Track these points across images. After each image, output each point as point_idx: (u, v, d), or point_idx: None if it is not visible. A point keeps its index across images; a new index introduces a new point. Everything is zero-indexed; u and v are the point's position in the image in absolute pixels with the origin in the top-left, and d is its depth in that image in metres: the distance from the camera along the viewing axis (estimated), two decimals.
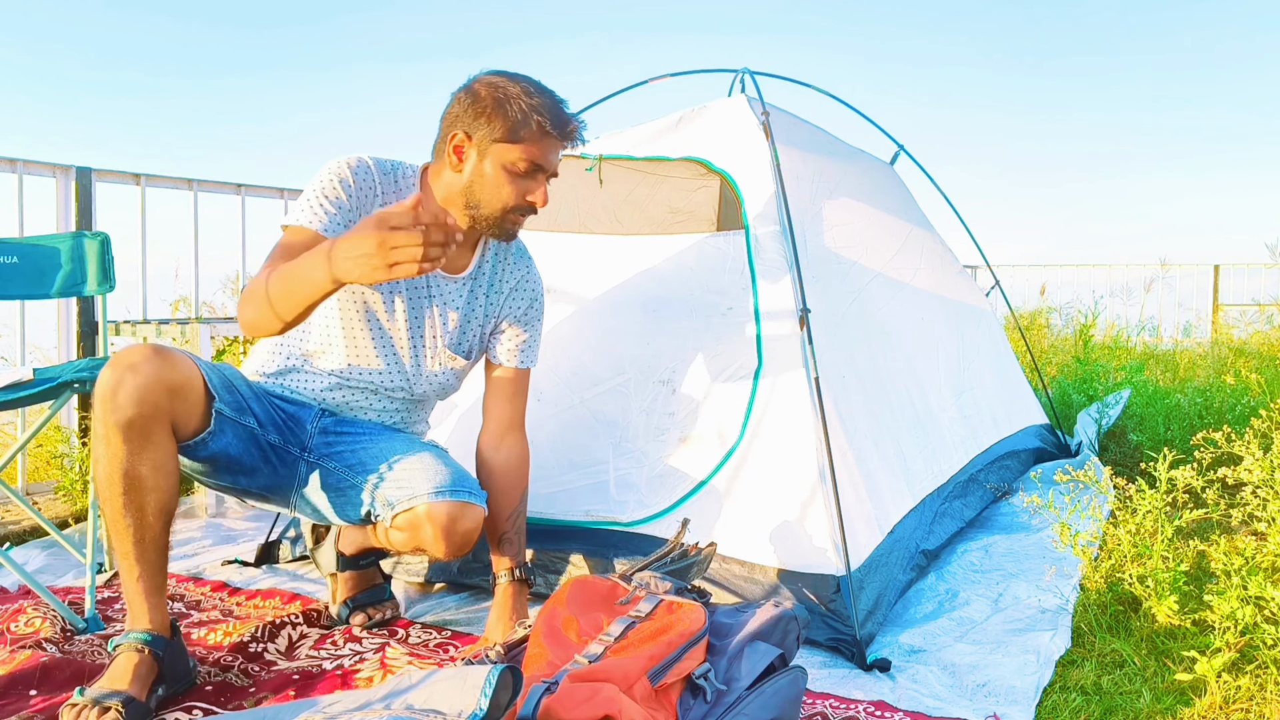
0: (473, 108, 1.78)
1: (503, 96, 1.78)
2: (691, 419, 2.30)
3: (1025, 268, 10.61)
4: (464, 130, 1.79)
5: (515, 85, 1.79)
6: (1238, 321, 8.03)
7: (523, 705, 1.31)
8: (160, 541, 1.67)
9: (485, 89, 1.79)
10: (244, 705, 1.74)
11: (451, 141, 1.80)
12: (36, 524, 2.75)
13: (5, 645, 1.93)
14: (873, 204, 3.11)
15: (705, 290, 2.41)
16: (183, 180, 3.92)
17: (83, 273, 2.56)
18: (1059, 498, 2.87)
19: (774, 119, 2.63)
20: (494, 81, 1.80)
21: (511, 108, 1.77)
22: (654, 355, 2.40)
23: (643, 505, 2.26)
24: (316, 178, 1.80)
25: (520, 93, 1.78)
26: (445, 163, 1.83)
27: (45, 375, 2.22)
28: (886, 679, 1.87)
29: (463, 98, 1.80)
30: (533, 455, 2.41)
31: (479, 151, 1.80)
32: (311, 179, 1.81)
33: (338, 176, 1.79)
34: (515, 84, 1.79)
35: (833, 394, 2.26)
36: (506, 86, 1.79)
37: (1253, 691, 1.79)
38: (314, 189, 1.79)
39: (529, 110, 1.77)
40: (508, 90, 1.78)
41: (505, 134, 1.77)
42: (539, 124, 1.78)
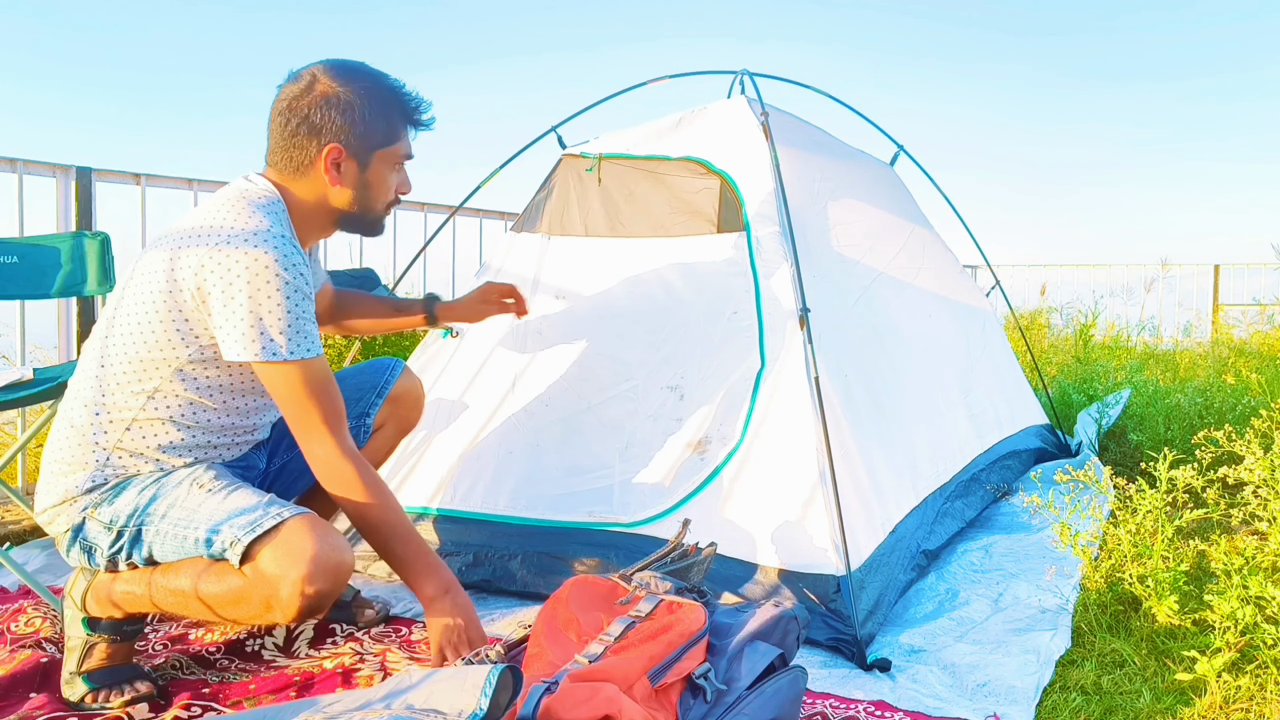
0: (342, 117, 1.70)
1: (367, 98, 1.71)
2: (696, 422, 2.30)
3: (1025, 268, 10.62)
4: (339, 143, 1.71)
5: (369, 81, 1.72)
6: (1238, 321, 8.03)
7: (523, 705, 1.31)
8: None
9: (345, 95, 1.70)
10: (244, 705, 1.74)
11: (327, 156, 1.71)
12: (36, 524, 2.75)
13: (5, 645, 1.94)
14: (873, 204, 3.11)
15: (710, 294, 2.42)
16: (183, 180, 3.92)
17: (83, 273, 2.56)
18: (1059, 498, 2.87)
19: (773, 119, 2.63)
20: (347, 85, 1.70)
21: (380, 109, 1.73)
22: (662, 361, 2.40)
23: (644, 506, 2.26)
24: (268, 300, 1.60)
25: (377, 91, 1.73)
26: (314, 174, 1.73)
27: (45, 375, 2.23)
28: (886, 679, 1.87)
29: (321, 107, 1.69)
30: (538, 458, 2.42)
31: (360, 162, 1.75)
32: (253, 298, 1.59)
33: (287, 289, 1.61)
34: (366, 80, 1.72)
35: (835, 393, 2.26)
36: (363, 88, 1.71)
37: (1253, 691, 1.79)
38: (285, 312, 1.61)
39: (395, 107, 1.75)
40: (366, 91, 1.72)
41: (385, 137, 1.75)
42: (405, 115, 1.77)
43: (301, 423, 1.68)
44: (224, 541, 1.57)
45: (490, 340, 2.63)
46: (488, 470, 2.42)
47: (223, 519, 1.60)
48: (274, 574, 1.54)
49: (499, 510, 2.38)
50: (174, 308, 1.64)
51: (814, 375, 2.18)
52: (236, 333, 1.60)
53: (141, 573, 1.68)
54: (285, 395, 1.66)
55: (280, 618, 1.57)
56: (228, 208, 1.66)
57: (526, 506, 2.36)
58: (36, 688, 1.78)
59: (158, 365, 1.68)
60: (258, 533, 1.56)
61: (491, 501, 2.40)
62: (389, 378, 2.12)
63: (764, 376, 2.26)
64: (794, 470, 2.14)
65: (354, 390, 2.06)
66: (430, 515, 2.43)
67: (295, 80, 1.73)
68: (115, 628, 1.75)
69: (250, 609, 1.58)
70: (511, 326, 2.62)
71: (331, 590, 1.56)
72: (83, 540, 1.70)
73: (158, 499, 1.67)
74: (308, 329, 1.65)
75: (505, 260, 2.74)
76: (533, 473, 2.39)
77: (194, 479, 1.69)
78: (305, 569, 1.53)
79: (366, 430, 2.08)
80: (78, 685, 1.72)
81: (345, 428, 1.73)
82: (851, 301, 2.64)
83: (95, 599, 1.73)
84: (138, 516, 1.66)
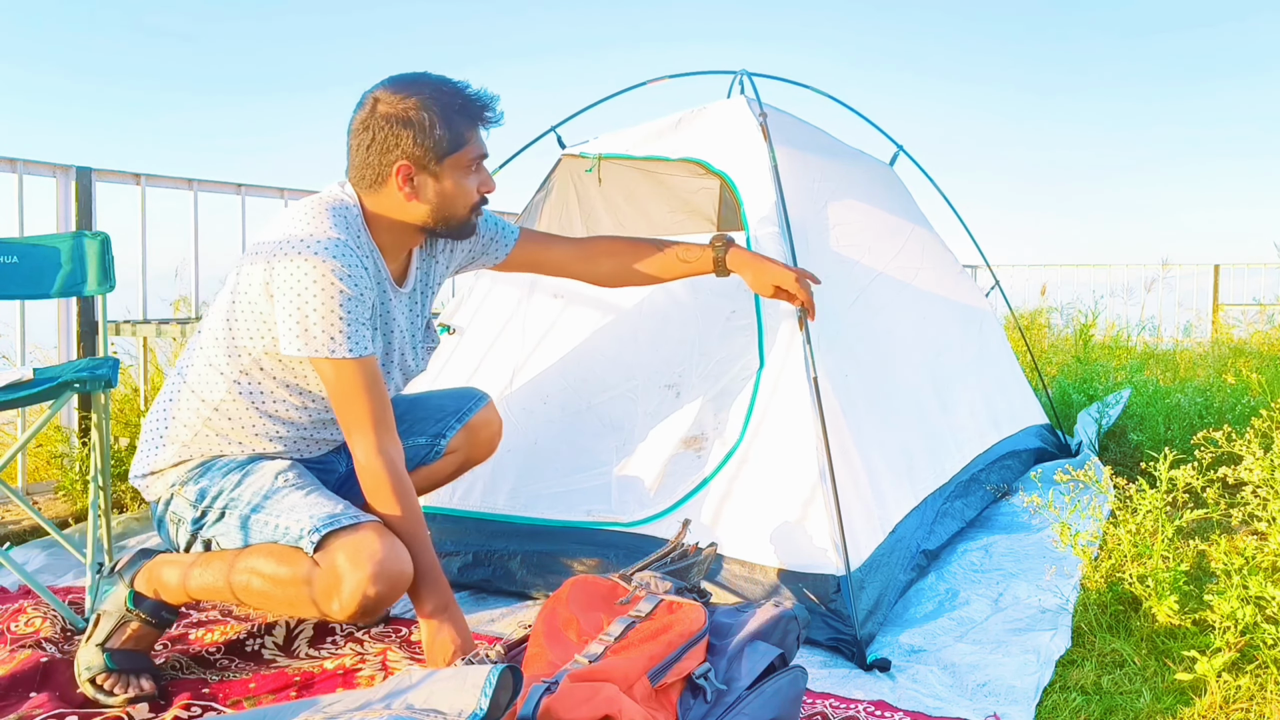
0: (405, 133, 1.75)
1: (427, 109, 1.74)
2: (695, 421, 2.30)
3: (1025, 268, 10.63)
4: (407, 159, 1.76)
5: (428, 91, 1.76)
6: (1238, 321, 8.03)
7: (523, 705, 1.31)
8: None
9: (405, 110, 1.74)
10: (244, 705, 1.74)
11: (399, 175, 1.77)
12: (36, 524, 2.75)
13: (5, 645, 1.94)
14: (873, 204, 3.10)
15: (708, 294, 2.41)
16: (183, 180, 3.92)
17: (83, 273, 2.56)
18: (1059, 497, 2.87)
19: (773, 120, 2.63)
20: (407, 99, 1.75)
21: (442, 117, 1.75)
22: (662, 361, 2.40)
23: (644, 506, 2.26)
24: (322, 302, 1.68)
25: (437, 98, 1.75)
26: (389, 191, 1.79)
27: (45, 375, 2.22)
28: (887, 679, 1.87)
29: (385, 126, 1.75)
30: (536, 457, 2.42)
31: (432, 174, 1.78)
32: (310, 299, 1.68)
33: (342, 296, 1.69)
34: (426, 90, 1.76)
35: (834, 393, 2.26)
36: (423, 99, 1.75)
37: (1253, 691, 1.79)
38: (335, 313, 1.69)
39: (457, 112, 1.77)
40: (427, 102, 1.75)
41: (449, 145, 1.77)
42: (470, 118, 1.79)
43: (347, 416, 1.75)
44: (302, 528, 1.67)
45: (488, 338, 2.64)
46: (486, 469, 2.42)
47: (305, 511, 1.70)
48: (342, 568, 1.63)
49: (498, 509, 2.39)
50: (252, 304, 1.75)
51: (813, 375, 2.18)
52: (291, 329, 1.69)
53: (219, 554, 1.77)
54: (335, 389, 1.74)
55: (338, 612, 1.64)
56: (308, 215, 1.76)
57: (525, 506, 2.37)
58: (36, 688, 1.78)
59: (239, 354, 1.78)
60: (335, 527, 1.66)
61: (490, 500, 2.40)
62: (472, 406, 2.17)
63: (763, 376, 2.26)
64: (793, 470, 2.14)
65: (436, 410, 2.14)
66: (429, 515, 2.43)
67: (361, 105, 1.80)
68: (157, 610, 1.82)
69: (312, 594, 1.66)
70: (508, 325, 2.62)
71: (389, 595, 1.65)
72: (171, 513, 1.82)
73: (242, 485, 1.78)
74: (359, 331, 1.73)
75: None
76: (531, 471, 2.39)
77: (278, 472, 1.79)
78: (371, 569, 1.62)
79: (439, 451, 2.13)
80: (96, 660, 1.77)
81: (388, 429, 1.77)
82: (850, 301, 2.63)
83: (150, 576, 1.82)
84: (222, 499, 1.78)
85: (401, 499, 1.75)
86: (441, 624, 1.75)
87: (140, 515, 3.04)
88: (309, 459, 1.93)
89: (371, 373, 1.75)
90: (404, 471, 1.78)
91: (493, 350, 2.62)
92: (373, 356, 1.76)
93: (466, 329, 2.67)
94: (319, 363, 1.72)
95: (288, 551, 1.69)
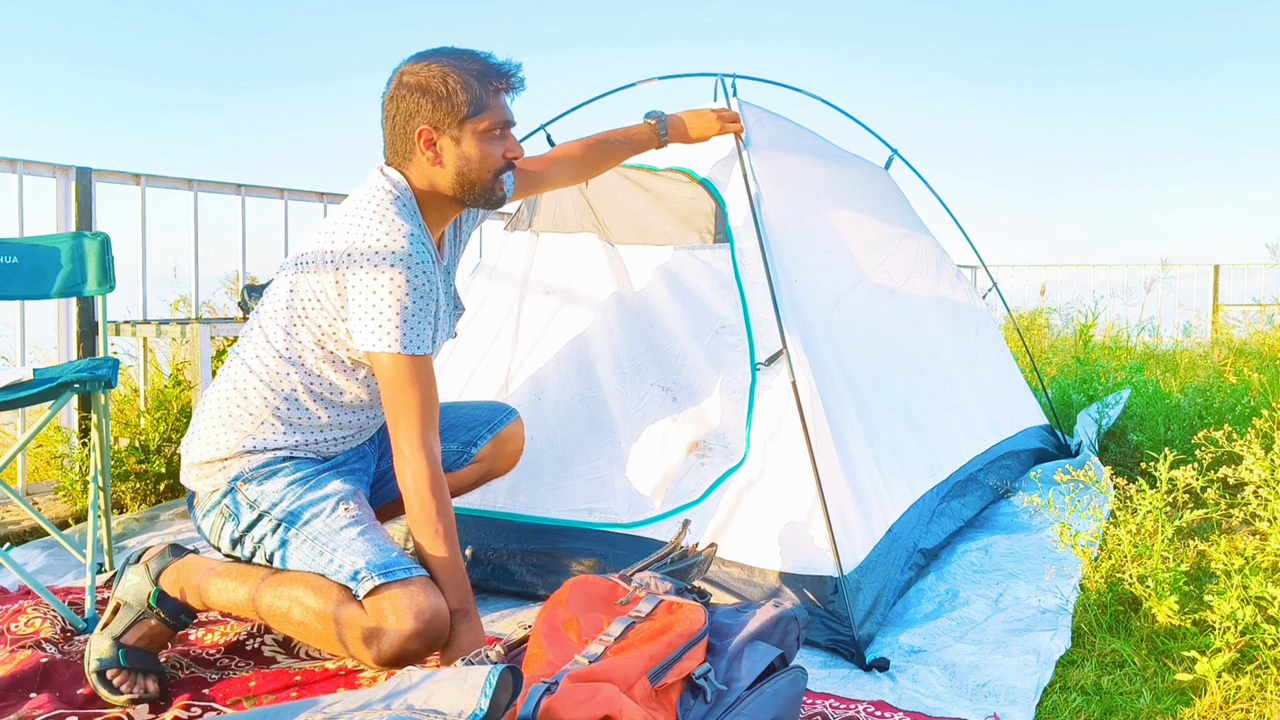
0: (425, 99, 1.79)
1: (446, 76, 1.78)
2: (693, 423, 2.30)
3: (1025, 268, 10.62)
4: (428, 124, 1.80)
5: (449, 60, 1.80)
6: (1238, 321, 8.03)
7: (523, 705, 1.31)
8: None
9: (426, 78, 1.79)
10: (244, 705, 1.74)
11: (421, 139, 1.81)
12: (36, 524, 2.75)
13: (5, 645, 1.94)
14: (866, 207, 3.10)
15: (698, 306, 2.41)
16: (183, 180, 3.92)
17: (83, 273, 2.56)
18: (1059, 498, 2.87)
19: (758, 124, 2.58)
20: (428, 67, 1.79)
21: (461, 82, 1.78)
22: (653, 361, 2.40)
23: (644, 508, 2.26)
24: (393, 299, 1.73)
25: (458, 66, 1.79)
26: (418, 160, 1.83)
27: (45, 375, 2.22)
28: (887, 679, 1.87)
29: (406, 95, 1.80)
30: (534, 455, 2.41)
31: (452, 138, 1.81)
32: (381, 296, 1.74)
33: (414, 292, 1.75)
34: (447, 59, 1.80)
35: (825, 398, 2.26)
36: (444, 67, 1.79)
37: (1253, 691, 1.79)
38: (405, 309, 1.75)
39: (476, 78, 1.79)
40: (446, 70, 1.79)
41: (469, 110, 1.79)
42: (492, 86, 1.81)
43: (395, 409, 1.77)
44: (356, 569, 1.68)
45: (484, 336, 2.64)
46: None
47: (361, 552, 1.71)
48: (389, 618, 1.64)
49: (497, 506, 2.39)
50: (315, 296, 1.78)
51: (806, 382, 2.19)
52: (363, 325, 1.74)
53: (255, 570, 1.78)
54: (388, 381, 1.77)
55: (374, 658, 1.66)
56: (371, 210, 1.78)
57: (524, 504, 2.37)
58: (36, 688, 1.78)
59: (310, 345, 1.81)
60: (391, 579, 1.67)
61: (489, 499, 2.40)
62: (503, 419, 2.21)
63: (758, 384, 2.26)
64: (789, 475, 2.14)
65: (469, 419, 2.17)
66: None
67: (390, 82, 1.84)
68: (177, 611, 1.83)
69: (351, 636, 1.67)
70: (503, 323, 2.62)
71: (425, 652, 1.68)
72: (225, 508, 1.82)
73: (305, 505, 1.78)
74: (422, 328, 1.77)
75: (499, 259, 2.74)
76: (529, 468, 2.39)
77: (341, 499, 1.80)
78: (416, 625, 1.64)
79: (469, 458, 2.15)
80: (109, 654, 1.77)
81: (433, 428, 1.80)
82: (843, 306, 2.63)
83: (176, 576, 1.82)
84: (280, 510, 1.78)
85: (438, 494, 1.77)
86: (460, 624, 1.76)
87: (140, 515, 3.04)
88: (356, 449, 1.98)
89: (427, 371, 1.79)
90: (441, 469, 1.80)
91: (490, 349, 2.62)
92: (429, 356, 1.80)
93: (463, 330, 2.67)
94: (382, 356, 1.75)
95: (333, 588, 1.70)
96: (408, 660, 1.65)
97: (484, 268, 2.76)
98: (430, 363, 1.81)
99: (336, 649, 1.73)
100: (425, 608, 1.66)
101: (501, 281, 2.69)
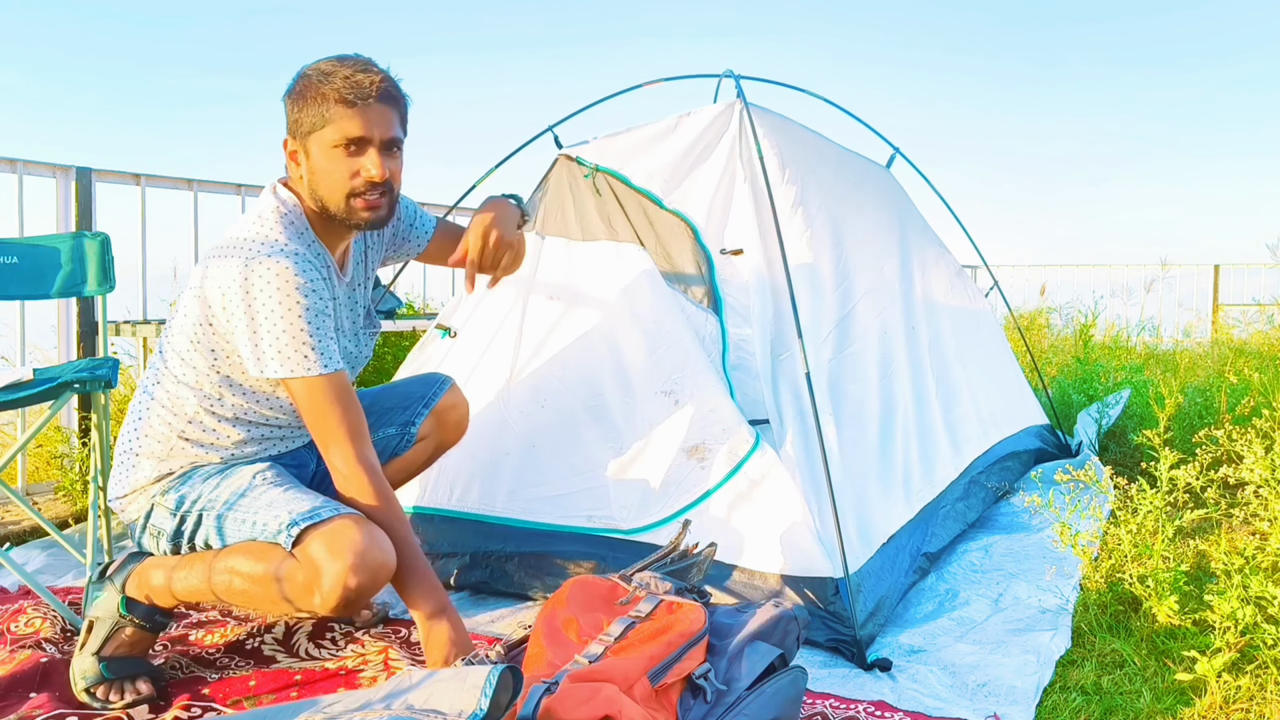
0: (290, 108, 1.74)
1: (306, 85, 1.72)
2: (696, 430, 2.29)
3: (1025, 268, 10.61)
4: (288, 134, 1.76)
5: (317, 68, 1.72)
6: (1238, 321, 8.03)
7: (523, 705, 1.31)
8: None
9: (297, 86, 1.73)
10: (244, 705, 1.74)
11: (286, 150, 1.77)
12: (36, 524, 2.75)
13: (5, 645, 1.94)
14: (868, 206, 3.10)
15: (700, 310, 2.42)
16: (183, 180, 3.92)
17: (83, 273, 2.56)
18: (1059, 498, 2.87)
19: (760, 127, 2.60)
20: (302, 76, 1.73)
21: (312, 93, 1.71)
22: (655, 365, 2.39)
23: (644, 512, 2.25)
24: (288, 321, 1.66)
25: (318, 74, 1.71)
26: (292, 173, 1.79)
27: (45, 375, 2.22)
28: (887, 679, 1.87)
29: (286, 104, 1.75)
30: (534, 459, 2.41)
31: (303, 148, 1.75)
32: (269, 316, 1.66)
33: (304, 309, 1.67)
34: (317, 67, 1.72)
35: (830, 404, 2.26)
36: (311, 74, 1.72)
37: (1253, 691, 1.79)
38: (300, 329, 1.67)
39: (326, 88, 1.70)
40: (310, 77, 1.72)
41: (315, 121, 1.71)
42: (337, 97, 1.69)
43: (323, 431, 1.74)
44: (280, 523, 1.66)
45: (485, 339, 2.63)
46: (484, 470, 2.42)
47: (283, 506, 1.69)
48: (321, 560, 1.61)
49: (496, 511, 2.38)
50: (206, 319, 1.73)
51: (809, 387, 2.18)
52: (262, 352, 1.68)
53: (200, 555, 1.76)
54: (306, 406, 1.73)
55: (319, 605, 1.63)
56: (255, 223, 1.74)
57: (523, 509, 2.36)
58: (36, 688, 1.78)
59: (205, 370, 1.76)
60: (314, 521, 1.64)
61: (489, 502, 2.39)
62: (437, 390, 2.16)
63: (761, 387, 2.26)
64: (791, 479, 2.14)
65: (402, 399, 2.13)
66: (427, 515, 2.43)
67: None
68: (149, 614, 1.81)
69: (293, 590, 1.64)
70: (505, 325, 2.62)
71: (370, 586, 1.63)
72: (152, 526, 1.80)
73: (220, 487, 1.77)
74: (325, 346, 1.71)
75: None
76: (529, 473, 2.39)
77: (257, 472, 1.79)
78: (351, 560, 1.60)
79: (410, 439, 2.12)
80: (93, 670, 1.75)
81: (364, 439, 1.76)
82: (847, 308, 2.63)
83: (139, 580, 1.80)
84: (200, 502, 1.76)
85: (386, 504, 1.74)
86: (437, 623, 1.75)
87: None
88: (284, 455, 1.93)
89: (343, 386, 1.74)
90: (383, 476, 1.78)
91: (489, 352, 2.61)
92: (343, 370, 1.75)
93: (463, 331, 2.67)
94: (289, 382, 1.71)
95: (265, 548, 1.68)
96: (355, 600, 1.62)
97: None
98: (344, 377, 1.75)
99: (283, 608, 1.70)
100: (356, 539, 1.61)
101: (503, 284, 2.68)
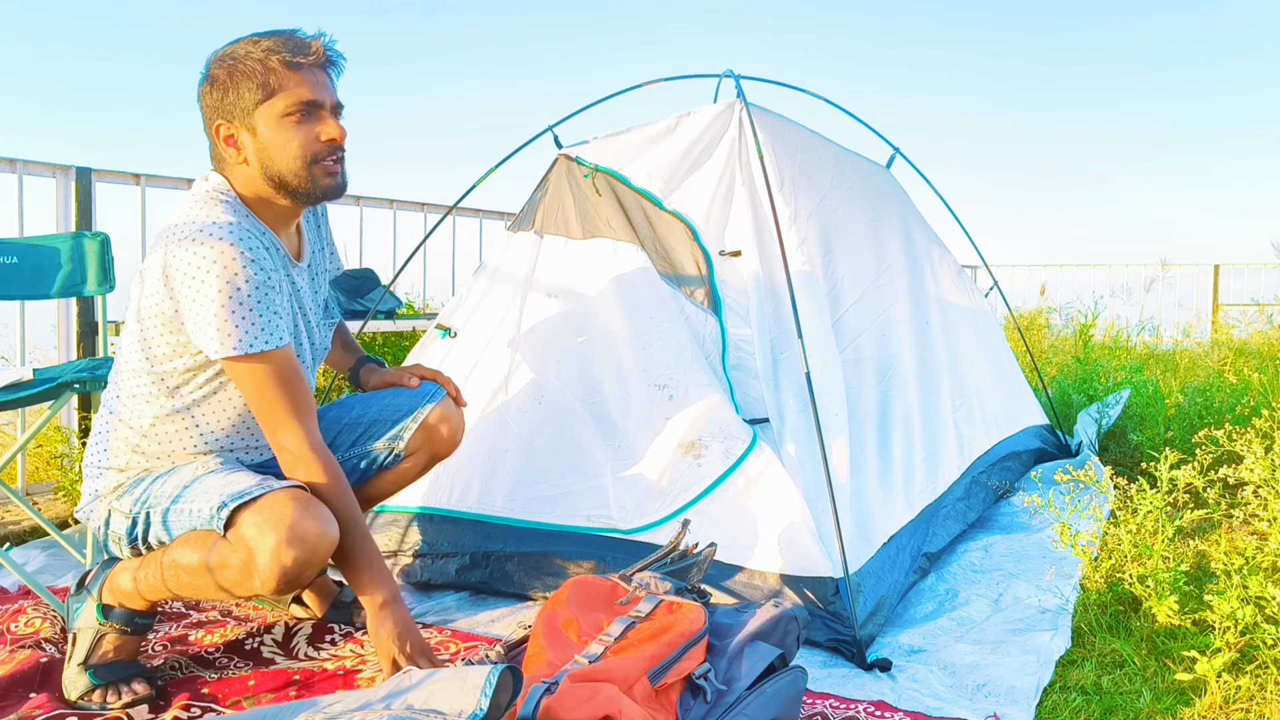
0: (215, 93, 1.69)
1: (233, 63, 1.67)
2: (692, 426, 2.29)
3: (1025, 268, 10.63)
4: (222, 119, 1.70)
5: (239, 47, 1.68)
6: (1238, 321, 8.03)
7: (523, 705, 1.31)
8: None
9: (215, 72, 1.69)
10: (243, 705, 1.74)
11: (220, 137, 1.71)
12: (36, 524, 2.75)
13: (5, 645, 1.94)
14: (869, 206, 3.10)
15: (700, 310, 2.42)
16: (183, 180, 3.92)
17: (83, 273, 2.56)
18: (1059, 498, 2.87)
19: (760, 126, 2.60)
20: (219, 59, 1.69)
21: (247, 67, 1.66)
22: (650, 360, 2.39)
23: (643, 512, 2.25)
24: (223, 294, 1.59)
25: (246, 49, 1.67)
26: (230, 161, 1.73)
27: (45, 375, 2.23)
28: (887, 679, 1.87)
29: (205, 93, 1.70)
30: (533, 458, 2.41)
31: (248, 128, 1.69)
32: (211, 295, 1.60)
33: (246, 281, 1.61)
34: (238, 46, 1.69)
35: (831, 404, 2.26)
36: (232, 53, 1.68)
37: (1253, 691, 1.79)
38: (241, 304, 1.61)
39: (264, 57, 1.66)
40: (235, 55, 1.67)
41: (259, 94, 1.66)
42: (281, 61, 1.66)
43: (267, 414, 1.69)
44: (213, 508, 1.61)
45: (483, 339, 2.63)
46: (482, 470, 2.42)
47: (217, 489, 1.64)
48: (252, 539, 1.56)
49: (495, 511, 2.38)
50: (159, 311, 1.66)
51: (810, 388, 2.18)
52: (202, 329, 1.61)
53: (154, 554, 1.73)
54: (249, 388, 1.67)
55: (260, 585, 1.58)
56: (188, 208, 1.69)
57: (523, 508, 2.36)
58: (36, 688, 1.78)
59: (160, 376, 1.72)
60: (244, 500, 1.59)
61: (488, 502, 2.39)
62: (426, 403, 2.07)
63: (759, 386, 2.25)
64: (791, 478, 2.14)
65: (390, 410, 2.06)
66: (427, 515, 2.43)
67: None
68: (128, 619, 1.78)
69: (232, 575, 1.59)
70: (503, 324, 2.62)
71: (309, 560, 1.57)
72: (112, 531, 1.77)
73: (167, 484, 1.73)
74: (270, 320, 1.64)
75: (502, 260, 2.73)
76: (528, 472, 2.39)
77: (200, 463, 1.76)
78: (283, 534, 1.54)
79: (399, 456, 2.04)
80: (81, 680, 1.74)
81: (313, 420, 1.72)
82: (847, 309, 2.63)
83: (110, 586, 1.78)
84: (149, 501, 1.73)
85: (339, 490, 1.70)
86: (384, 612, 1.71)
87: None
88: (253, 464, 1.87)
89: (290, 362, 1.68)
90: (334, 460, 1.73)
91: (488, 351, 2.61)
92: (289, 346, 1.69)
93: (462, 331, 2.67)
94: (232, 362, 1.64)
95: (202, 536, 1.63)
96: (295, 577, 1.56)
97: (485, 268, 2.76)
98: (290, 353, 1.69)
99: (223, 596, 1.65)
100: (287, 512, 1.55)
101: (503, 281, 2.69)
